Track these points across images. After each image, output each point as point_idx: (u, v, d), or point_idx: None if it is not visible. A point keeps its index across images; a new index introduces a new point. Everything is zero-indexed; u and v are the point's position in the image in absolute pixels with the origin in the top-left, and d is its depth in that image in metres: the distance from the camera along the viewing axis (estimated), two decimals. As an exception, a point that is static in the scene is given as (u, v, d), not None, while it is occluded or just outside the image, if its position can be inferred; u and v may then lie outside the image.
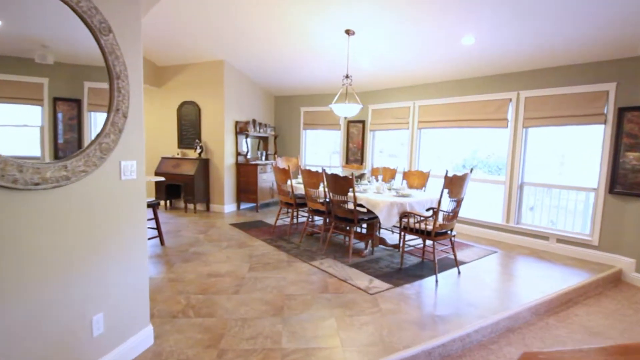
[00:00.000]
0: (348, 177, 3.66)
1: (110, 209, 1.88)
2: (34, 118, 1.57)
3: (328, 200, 4.10)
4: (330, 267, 3.62)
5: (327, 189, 3.98)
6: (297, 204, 4.73)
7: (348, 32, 4.23)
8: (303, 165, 7.29)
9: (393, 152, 6.51)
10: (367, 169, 6.12)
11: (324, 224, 4.44)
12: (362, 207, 3.87)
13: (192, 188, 6.01)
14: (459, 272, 3.61)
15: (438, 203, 3.36)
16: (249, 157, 6.71)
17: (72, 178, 1.58)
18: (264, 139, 7.32)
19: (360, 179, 4.63)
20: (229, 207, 6.38)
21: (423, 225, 3.48)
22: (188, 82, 6.32)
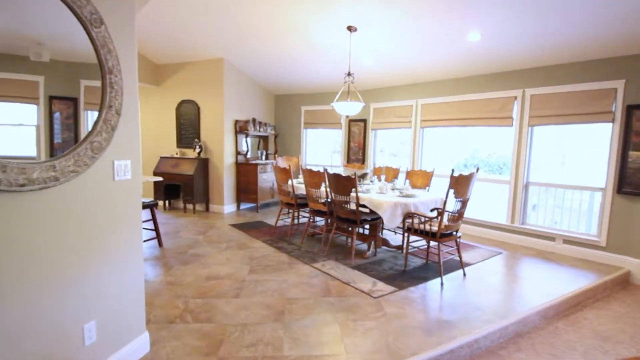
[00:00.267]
0: (350, 176, 3.57)
1: (103, 212, 1.79)
2: (30, 117, 1.53)
3: (330, 201, 4.01)
4: (332, 269, 3.54)
5: (328, 189, 3.89)
6: (298, 205, 4.64)
7: (350, 28, 4.13)
8: (304, 165, 7.20)
9: (394, 151, 6.42)
10: (369, 169, 6.03)
11: (326, 225, 4.35)
12: (364, 207, 3.78)
13: (191, 188, 5.92)
14: (464, 274, 3.52)
15: (444, 203, 3.27)
16: (249, 156, 6.62)
17: (61, 179, 1.49)
18: (264, 138, 7.23)
19: (363, 179, 4.54)
20: (229, 207, 6.29)
21: (427, 226, 3.39)
22: (187, 80, 6.22)
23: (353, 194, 3.65)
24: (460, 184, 3.23)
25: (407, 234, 3.64)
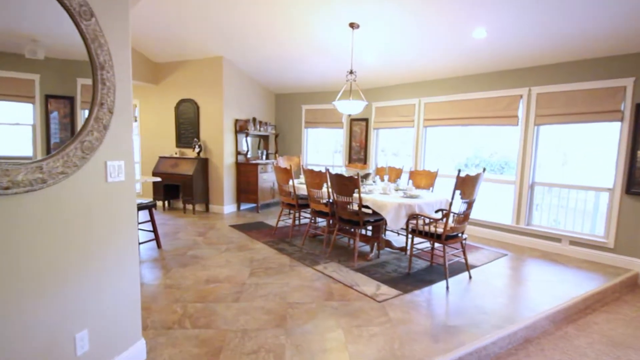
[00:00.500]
0: (353, 177, 3.48)
1: (95, 215, 1.70)
2: (26, 116, 1.49)
3: (332, 202, 3.93)
4: (335, 271, 3.45)
5: (330, 190, 3.80)
6: (299, 205, 4.56)
7: (352, 25, 4.04)
8: (305, 165, 7.11)
9: (395, 150, 6.33)
10: (371, 169, 5.94)
11: (328, 226, 4.26)
12: (367, 208, 3.69)
13: (190, 188, 5.84)
14: (470, 276, 3.44)
15: (449, 204, 3.19)
16: (249, 156, 6.53)
17: (48, 181, 1.40)
18: (265, 138, 7.14)
19: (365, 179, 4.45)
20: (229, 207, 6.20)
21: (432, 228, 3.30)
22: (186, 79, 6.13)
23: (356, 195, 3.56)
24: (467, 185, 3.14)
25: (411, 236, 3.56)
